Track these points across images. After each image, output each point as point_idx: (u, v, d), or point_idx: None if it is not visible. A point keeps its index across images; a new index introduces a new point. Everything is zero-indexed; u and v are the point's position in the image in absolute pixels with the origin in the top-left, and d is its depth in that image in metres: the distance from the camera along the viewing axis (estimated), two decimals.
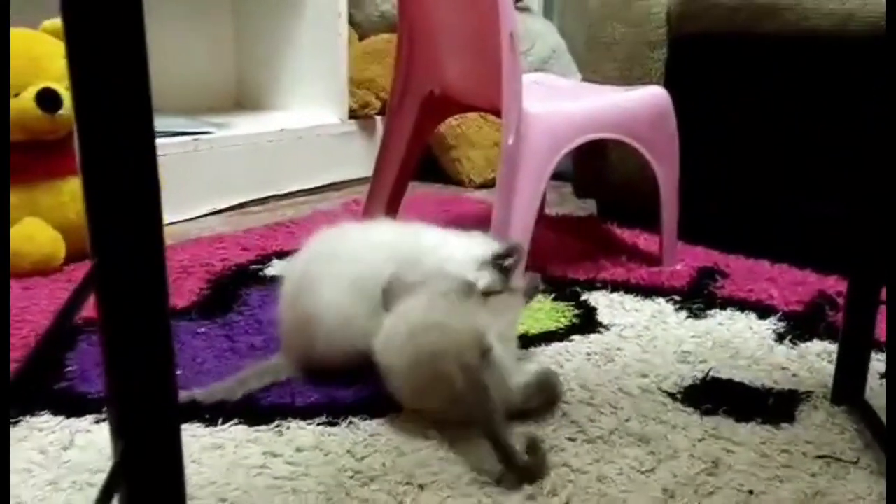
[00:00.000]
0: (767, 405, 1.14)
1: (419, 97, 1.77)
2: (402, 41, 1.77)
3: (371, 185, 1.88)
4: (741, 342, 1.37)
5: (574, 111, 1.57)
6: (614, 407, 1.13)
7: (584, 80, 2.00)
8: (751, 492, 0.94)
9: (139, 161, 0.49)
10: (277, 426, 1.05)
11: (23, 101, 1.56)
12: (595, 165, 2.00)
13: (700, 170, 1.80)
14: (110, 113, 0.48)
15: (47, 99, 1.56)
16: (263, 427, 1.05)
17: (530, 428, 1.05)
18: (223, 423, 1.06)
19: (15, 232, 1.56)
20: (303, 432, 1.04)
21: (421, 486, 0.93)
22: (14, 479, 0.94)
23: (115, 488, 0.52)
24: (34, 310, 1.41)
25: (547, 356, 1.29)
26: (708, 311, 1.49)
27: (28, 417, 1.06)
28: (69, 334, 1.31)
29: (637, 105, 1.64)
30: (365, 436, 1.04)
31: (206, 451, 1.00)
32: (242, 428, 1.05)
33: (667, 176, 1.68)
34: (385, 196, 1.86)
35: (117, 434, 0.52)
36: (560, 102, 1.61)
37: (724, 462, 1.00)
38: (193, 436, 1.03)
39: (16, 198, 1.60)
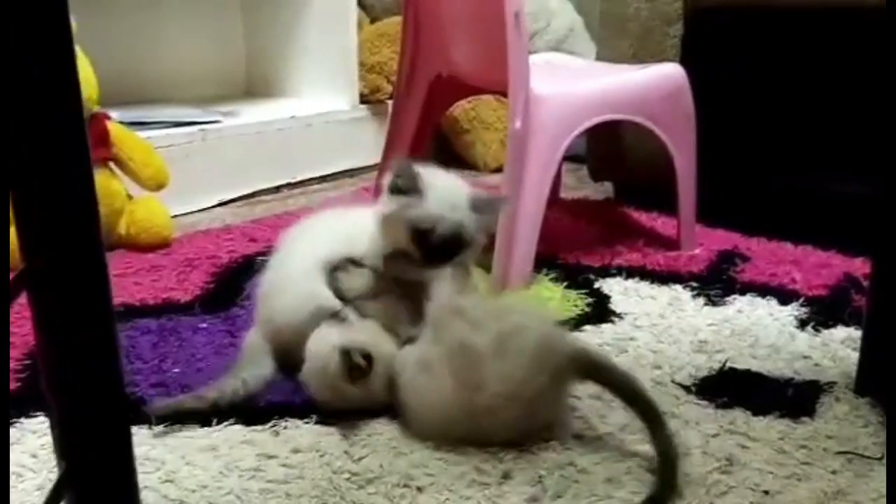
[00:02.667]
0: (787, 397, 1.09)
1: (427, 80, 1.72)
2: (407, 23, 1.72)
3: (379, 170, 1.84)
4: (761, 330, 1.31)
5: (584, 92, 1.52)
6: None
7: (598, 58, 1.93)
8: (766, 492, 0.89)
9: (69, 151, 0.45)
10: (274, 426, 1.02)
11: None
12: (610, 147, 1.94)
13: (719, 149, 1.74)
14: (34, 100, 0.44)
15: None
16: (259, 427, 1.02)
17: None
18: (218, 423, 1.03)
19: None
20: (299, 432, 1.01)
21: (419, 489, 0.90)
22: None
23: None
24: None
25: None
26: (727, 298, 1.44)
27: (23, 419, 1.04)
28: None
29: (650, 84, 1.58)
30: (363, 435, 1.00)
31: (201, 452, 0.97)
32: (238, 428, 1.02)
33: (683, 156, 1.62)
34: None
35: (61, 453, 0.49)
36: (569, 83, 1.56)
37: (739, 459, 0.95)
38: (189, 437, 1.00)
39: None
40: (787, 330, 1.31)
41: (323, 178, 2.33)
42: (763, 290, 1.46)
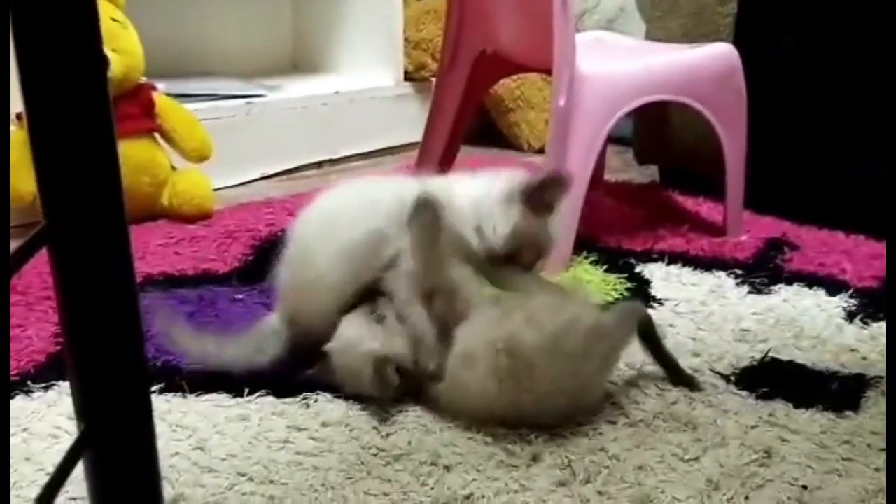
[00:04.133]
0: (831, 390, 1.05)
1: (471, 57, 1.70)
2: None
3: (421, 148, 1.83)
4: (807, 320, 1.27)
5: (631, 71, 1.48)
6: (661, 388, 1.06)
7: (648, 37, 1.88)
8: (805, 486, 0.86)
9: (92, 115, 0.44)
10: (305, 399, 1.02)
11: None
12: (657, 129, 1.89)
13: (771, 134, 1.68)
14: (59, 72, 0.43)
15: None
16: (290, 399, 1.02)
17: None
18: (250, 393, 1.03)
19: None
20: (330, 406, 1.01)
21: (446, 467, 0.89)
22: (40, 444, 0.94)
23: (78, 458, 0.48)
24: None
25: None
26: (772, 287, 1.39)
27: (60, 383, 1.06)
28: None
29: (701, 64, 1.53)
30: (393, 412, 0.99)
31: (231, 422, 0.98)
32: (270, 399, 1.02)
33: (733, 140, 1.57)
34: (435, 160, 1.80)
35: (80, 414, 0.49)
36: (616, 62, 1.52)
37: (778, 452, 0.92)
38: (219, 406, 1.01)
39: None
40: (834, 321, 1.26)
41: (365, 155, 2.32)
42: (811, 280, 1.41)
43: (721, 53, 1.54)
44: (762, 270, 1.46)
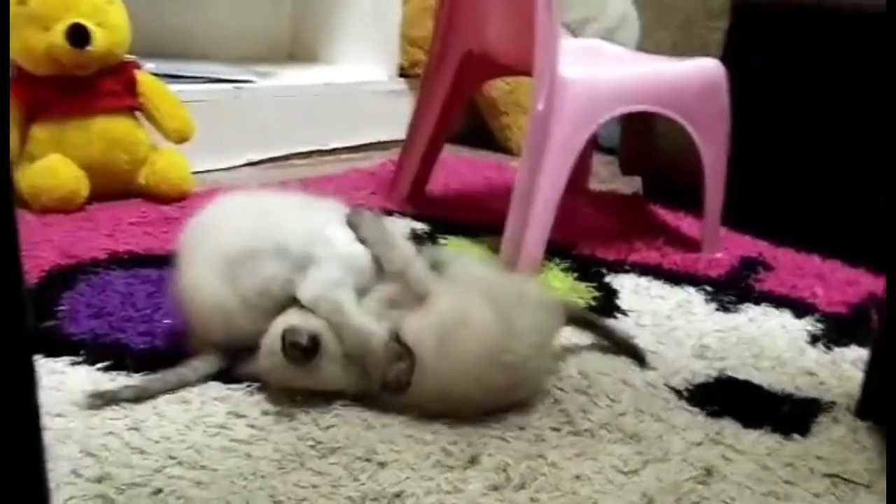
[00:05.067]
0: (782, 412, 1.04)
1: (458, 55, 1.69)
2: None
3: (405, 144, 1.82)
4: (769, 341, 1.26)
5: (613, 79, 1.47)
6: (611, 399, 1.05)
7: (639, 48, 1.87)
8: None
9: None
10: (249, 386, 1.01)
11: (52, 36, 1.55)
12: (642, 140, 1.88)
13: (754, 152, 1.67)
14: None
15: (77, 34, 1.55)
16: (236, 386, 1.01)
17: (514, 416, 0.98)
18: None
19: (39, 167, 1.57)
20: (274, 395, 0.99)
21: (381, 464, 0.88)
22: None
23: None
24: (46, 246, 1.40)
25: None
26: (740, 305, 1.38)
27: None
28: (69, 274, 1.30)
29: (685, 77, 1.52)
30: (337, 405, 0.98)
31: (171, 404, 0.97)
32: (215, 384, 1.01)
33: (713, 156, 1.56)
34: (417, 158, 1.79)
35: None
36: (599, 69, 1.51)
37: (719, 471, 0.91)
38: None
39: (43, 133, 1.60)
40: (796, 344, 1.25)
41: (355, 148, 2.31)
42: (779, 302, 1.40)
43: (706, 68, 1.53)
44: (732, 289, 1.45)
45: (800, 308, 1.38)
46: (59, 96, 1.60)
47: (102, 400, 0.95)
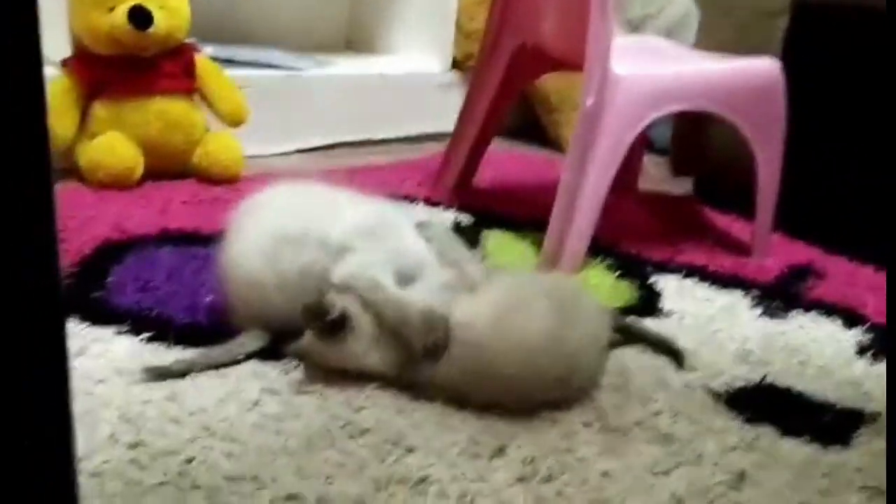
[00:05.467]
0: (823, 422, 1.01)
1: (510, 49, 1.67)
2: None
3: (452, 137, 1.82)
4: (816, 349, 1.22)
5: (666, 77, 1.45)
6: (647, 398, 1.03)
7: (697, 46, 1.84)
8: None
9: None
10: (286, 364, 1.02)
11: (115, 17, 1.59)
12: (694, 141, 1.85)
13: (810, 156, 1.63)
14: None
15: (139, 16, 1.59)
16: (273, 363, 1.03)
17: (546, 410, 0.97)
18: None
19: (98, 144, 1.61)
20: (310, 374, 1.01)
21: (409, 449, 0.88)
22: None
23: None
24: (100, 220, 1.44)
25: None
26: (788, 312, 1.35)
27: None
28: (120, 248, 1.34)
29: (741, 77, 1.49)
30: (369, 388, 0.99)
31: (209, 378, 0.99)
32: (252, 361, 1.03)
33: (767, 158, 1.52)
34: (465, 150, 1.79)
35: None
36: (652, 66, 1.48)
37: (752, 477, 0.89)
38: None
39: (104, 111, 1.64)
40: (843, 354, 1.22)
41: (404, 140, 2.32)
42: (829, 310, 1.36)
43: (763, 67, 1.49)
44: (781, 295, 1.41)
45: (849, 318, 1.33)
46: (120, 76, 1.64)
47: (153, 375, 0.97)
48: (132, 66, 1.65)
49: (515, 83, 1.75)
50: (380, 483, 0.82)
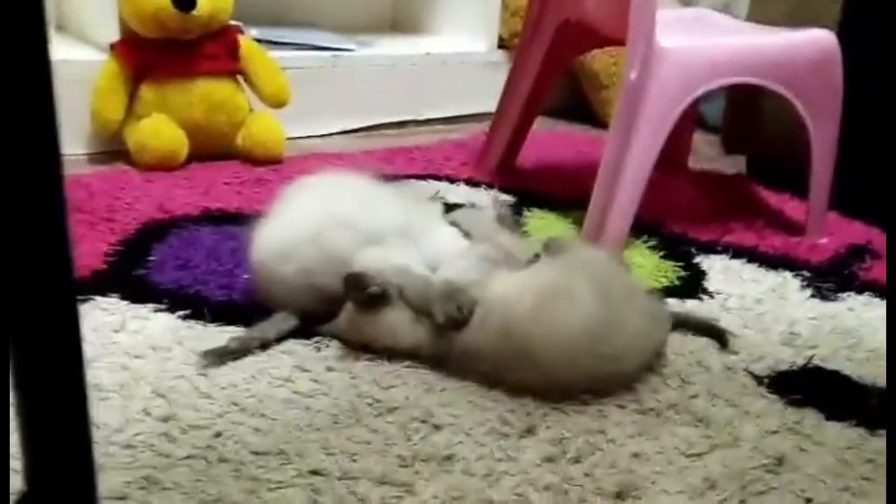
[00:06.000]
0: (869, 406, 0.97)
1: (554, 24, 1.64)
2: None
3: (496, 115, 1.80)
4: (868, 332, 1.17)
5: (715, 49, 1.39)
6: (684, 380, 1.01)
7: (749, 18, 1.77)
8: (809, 500, 0.80)
9: None
10: (317, 342, 1.03)
11: (160, 0, 1.60)
12: (747, 117, 1.79)
13: (872, 132, 1.56)
14: None
15: None
16: (304, 341, 1.03)
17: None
18: None
19: (143, 126, 1.64)
20: (339, 352, 1.01)
21: (436, 426, 0.88)
22: None
23: None
24: (145, 200, 1.47)
25: None
26: (840, 294, 1.30)
27: (98, 297, 1.11)
28: (163, 228, 1.36)
29: (795, 49, 1.43)
30: (399, 366, 0.98)
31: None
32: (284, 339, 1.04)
33: (823, 134, 1.46)
34: (508, 129, 1.77)
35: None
36: (700, 38, 1.44)
37: (792, 461, 0.86)
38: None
39: (150, 93, 1.67)
40: None
41: (449, 119, 2.30)
42: (884, 292, 1.30)
43: (818, 39, 1.43)
44: (834, 276, 1.36)
45: None
46: (165, 58, 1.66)
47: (212, 357, 0.97)
48: (177, 49, 1.67)
49: (559, 60, 1.72)
50: (405, 460, 0.82)
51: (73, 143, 1.68)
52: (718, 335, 1.11)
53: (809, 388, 1.01)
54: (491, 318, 0.95)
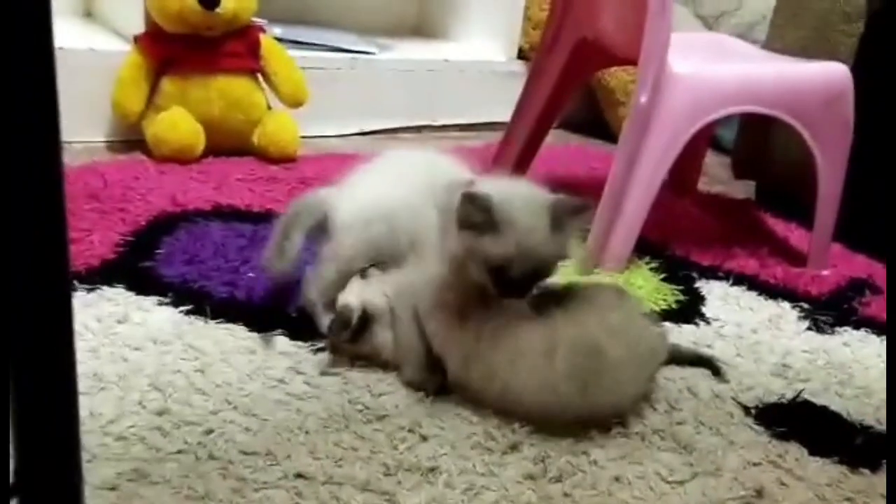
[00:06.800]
0: (854, 444, 0.98)
1: (571, 42, 1.65)
2: None
3: (508, 127, 1.81)
4: (860, 369, 1.18)
5: (726, 77, 1.40)
6: (672, 406, 1.02)
7: (766, 47, 1.78)
8: None
9: None
10: (314, 345, 1.05)
11: None
12: (757, 143, 1.79)
13: (880, 167, 1.56)
14: None
15: None
16: (301, 343, 1.05)
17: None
18: (267, 330, 1.07)
19: (162, 119, 1.67)
20: (337, 357, 1.03)
21: (423, 437, 0.89)
22: None
23: None
24: (158, 193, 1.50)
25: None
26: (837, 328, 1.30)
27: (104, 287, 1.13)
28: (173, 220, 1.38)
29: (807, 81, 1.43)
30: (392, 375, 1.00)
31: (238, 353, 1.02)
32: (282, 340, 1.06)
33: (830, 166, 1.47)
34: (521, 141, 1.78)
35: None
36: (714, 65, 1.44)
37: (771, 494, 0.87)
38: (233, 335, 1.05)
39: (170, 86, 1.70)
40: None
41: (465, 127, 2.32)
42: (882, 328, 1.31)
43: (832, 72, 1.43)
44: (832, 309, 1.37)
45: None
46: (187, 53, 1.69)
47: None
48: (199, 45, 1.70)
49: (576, 76, 1.73)
50: (389, 469, 0.84)
51: (94, 130, 1.71)
52: (711, 365, 1.12)
53: (796, 421, 1.02)
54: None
